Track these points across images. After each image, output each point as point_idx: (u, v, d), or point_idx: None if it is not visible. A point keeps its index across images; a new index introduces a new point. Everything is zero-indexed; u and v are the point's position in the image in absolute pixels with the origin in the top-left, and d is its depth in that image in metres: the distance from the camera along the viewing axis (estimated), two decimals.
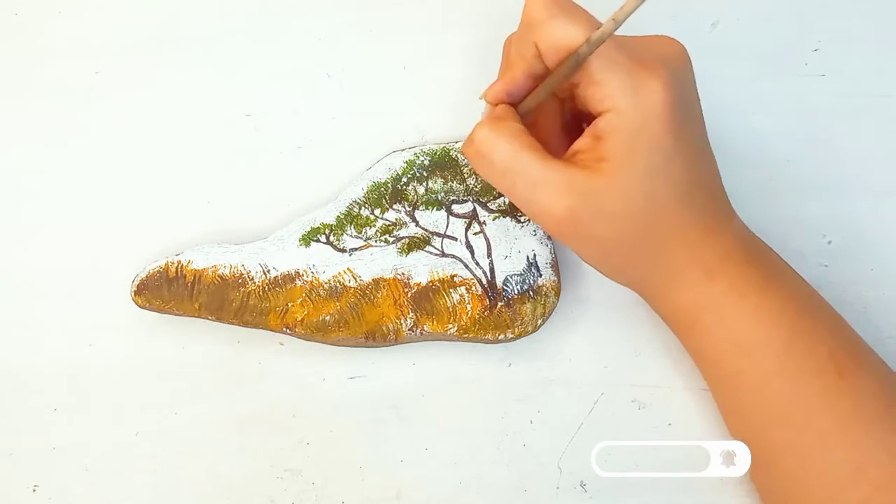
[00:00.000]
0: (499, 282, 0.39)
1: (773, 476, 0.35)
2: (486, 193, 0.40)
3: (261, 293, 0.39)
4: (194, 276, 0.39)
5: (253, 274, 0.39)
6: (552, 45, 0.31)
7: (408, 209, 0.40)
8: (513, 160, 0.32)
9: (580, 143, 0.33)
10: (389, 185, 0.40)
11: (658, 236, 0.33)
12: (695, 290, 0.34)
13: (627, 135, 0.31)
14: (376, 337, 0.39)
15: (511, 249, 0.40)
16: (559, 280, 0.40)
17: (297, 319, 0.39)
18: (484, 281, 0.40)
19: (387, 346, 0.40)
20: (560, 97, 0.35)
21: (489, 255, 0.40)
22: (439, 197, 0.40)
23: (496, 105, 0.34)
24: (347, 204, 0.40)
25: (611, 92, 0.31)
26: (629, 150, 0.31)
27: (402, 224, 0.40)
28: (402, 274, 0.40)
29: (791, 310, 0.34)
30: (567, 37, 0.31)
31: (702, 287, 0.34)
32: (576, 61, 0.31)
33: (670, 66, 0.32)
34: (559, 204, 0.31)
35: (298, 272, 0.39)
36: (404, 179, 0.40)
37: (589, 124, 0.33)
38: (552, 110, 0.36)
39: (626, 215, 0.32)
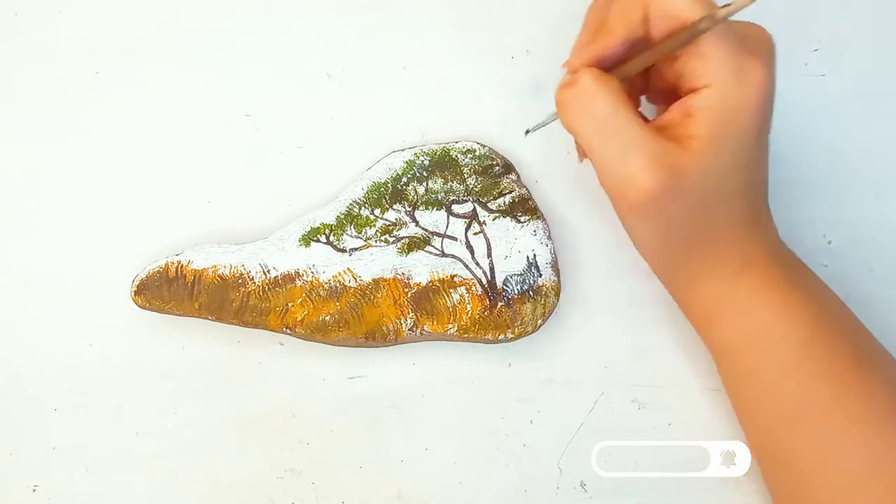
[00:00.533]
0: (499, 282, 0.39)
1: (785, 475, 0.35)
2: (486, 193, 0.40)
3: (261, 293, 0.39)
4: (194, 276, 0.39)
5: (253, 274, 0.39)
6: (666, 14, 0.31)
7: (408, 209, 0.40)
8: (614, 115, 0.31)
9: (668, 117, 0.32)
10: (389, 185, 0.40)
11: (714, 224, 0.33)
12: (727, 283, 0.34)
13: (721, 115, 0.31)
14: (376, 337, 0.39)
15: (511, 249, 0.40)
16: (559, 280, 0.40)
17: (297, 319, 0.39)
18: (484, 281, 0.40)
19: (387, 346, 0.40)
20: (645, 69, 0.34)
21: (489, 255, 0.40)
22: (439, 197, 0.40)
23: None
24: (347, 204, 0.40)
25: (714, 68, 0.31)
26: (719, 131, 0.31)
27: (402, 224, 0.40)
28: (402, 274, 0.40)
29: (812, 312, 0.34)
30: (685, 7, 0.30)
31: (733, 280, 0.34)
32: (691, 34, 0.30)
33: (771, 57, 0.32)
34: (649, 174, 0.31)
35: (298, 272, 0.39)
36: (404, 179, 0.40)
37: (666, 104, 0.33)
38: (634, 81, 0.35)
39: (700, 198, 0.32)
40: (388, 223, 0.40)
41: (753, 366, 0.35)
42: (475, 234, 0.40)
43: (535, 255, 0.40)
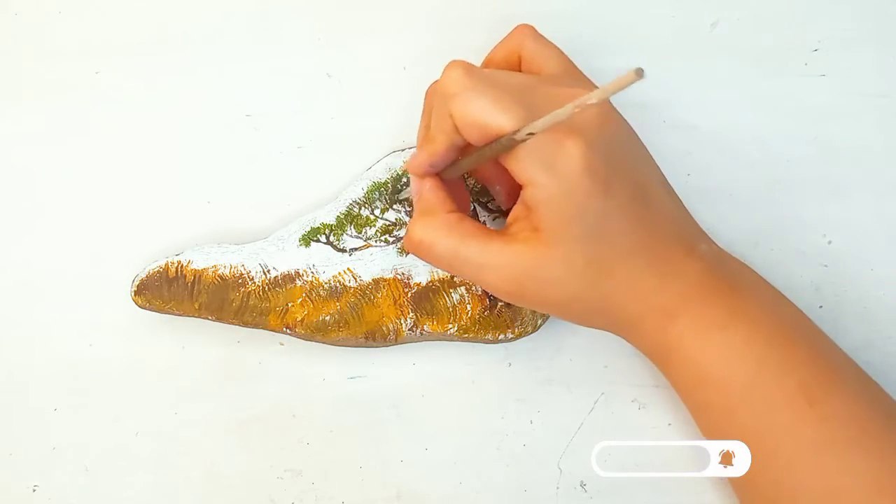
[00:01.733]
0: None
1: (750, 497, 0.35)
2: (485, 193, 0.40)
3: (261, 293, 0.39)
4: (194, 276, 0.39)
5: (253, 274, 0.39)
6: (471, 124, 0.31)
7: (408, 209, 0.40)
8: (454, 253, 0.33)
9: (516, 212, 0.33)
10: (389, 185, 0.40)
11: (609, 292, 0.33)
12: (656, 334, 0.34)
13: (554, 205, 0.31)
14: (376, 337, 0.39)
15: None
16: None
17: (297, 319, 0.39)
18: None
19: (387, 346, 0.40)
20: None
21: None
22: None
23: (421, 176, 0.35)
24: (347, 204, 0.40)
25: (527, 166, 0.31)
26: (559, 218, 0.31)
27: (402, 224, 0.40)
28: (402, 274, 0.40)
29: (759, 342, 0.33)
30: (490, 119, 0.30)
31: (663, 330, 0.34)
32: (506, 146, 0.30)
33: (588, 125, 0.32)
34: (506, 283, 0.32)
35: (298, 272, 0.39)
36: (404, 179, 0.40)
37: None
38: (485, 169, 0.36)
39: (572, 278, 0.32)
40: (388, 223, 0.40)
41: (704, 400, 0.35)
42: None
43: None
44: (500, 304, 0.39)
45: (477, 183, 0.40)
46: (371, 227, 0.40)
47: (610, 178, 0.31)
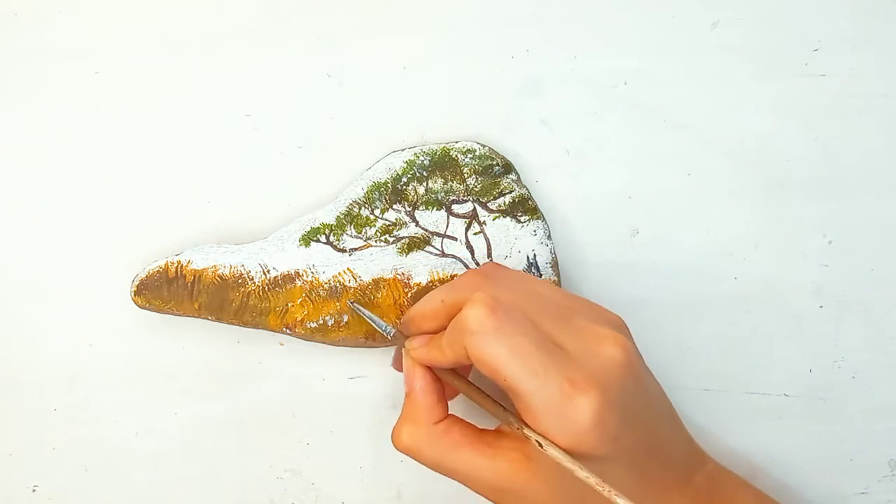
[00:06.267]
0: None
1: None
2: (486, 193, 0.40)
3: (261, 293, 0.39)
4: (194, 276, 0.39)
5: (253, 274, 0.39)
6: (483, 366, 0.31)
7: (408, 209, 0.40)
8: (439, 463, 0.34)
9: (507, 429, 0.33)
10: (389, 185, 0.40)
11: None
12: None
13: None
14: (376, 337, 0.39)
15: (511, 249, 0.40)
16: (559, 280, 0.40)
17: (297, 319, 0.39)
18: None
19: (387, 346, 0.40)
20: None
21: (489, 255, 0.40)
22: (439, 197, 0.40)
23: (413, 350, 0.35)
24: (347, 204, 0.40)
25: (537, 414, 0.30)
26: (555, 462, 0.31)
27: (402, 224, 0.40)
28: (402, 274, 0.40)
29: None
30: (498, 367, 0.30)
31: None
32: (515, 425, 0.31)
33: (609, 375, 0.31)
34: (490, 493, 0.33)
35: (298, 272, 0.39)
36: (404, 179, 0.40)
37: None
38: None
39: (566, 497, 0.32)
40: (388, 223, 0.40)
41: None
42: (475, 234, 0.40)
43: (535, 255, 0.40)
44: None
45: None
46: (371, 227, 0.40)
47: (619, 431, 0.30)
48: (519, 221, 0.40)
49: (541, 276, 0.40)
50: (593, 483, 0.29)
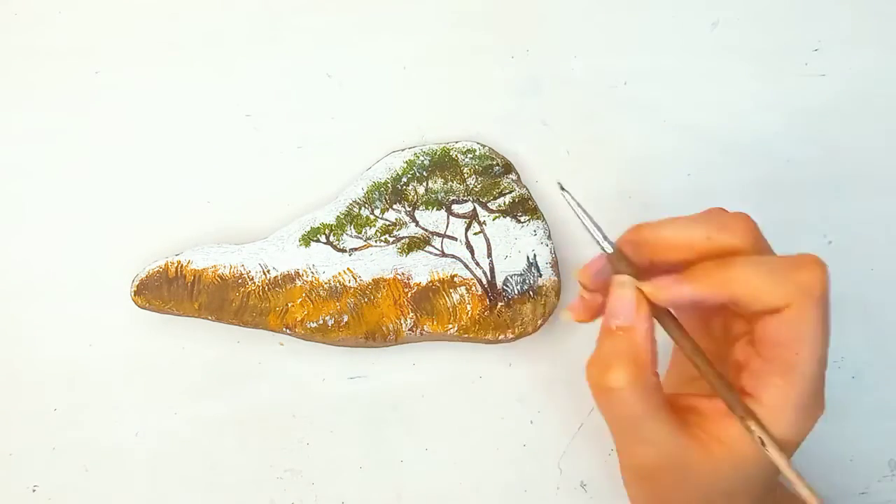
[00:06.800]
0: (499, 282, 0.39)
1: None
2: (486, 193, 0.40)
3: (261, 293, 0.39)
4: (194, 276, 0.39)
5: (253, 274, 0.39)
6: (791, 331, 0.29)
7: (408, 209, 0.40)
8: (633, 418, 0.29)
9: (700, 404, 0.31)
10: (389, 185, 0.40)
11: None
12: None
13: (741, 457, 0.29)
14: (376, 337, 0.39)
15: (511, 249, 0.40)
16: (559, 280, 0.40)
17: (297, 319, 0.39)
18: (484, 281, 0.40)
19: (387, 346, 0.40)
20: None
21: (489, 255, 0.40)
22: (439, 197, 0.40)
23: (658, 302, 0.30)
24: (347, 204, 0.40)
25: (781, 407, 0.29)
26: (737, 463, 0.29)
27: (402, 224, 0.40)
28: (402, 274, 0.40)
29: None
30: (810, 340, 0.29)
31: None
32: (738, 412, 0.29)
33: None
34: (655, 466, 0.30)
35: (298, 272, 0.39)
36: (404, 179, 0.40)
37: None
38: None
39: (703, 495, 0.30)
40: (388, 223, 0.40)
41: None
42: (475, 234, 0.40)
43: (535, 255, 0.40)
44: (499, 304, 0.39)
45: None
46: (371, 227, 0.40)
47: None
48: (519, 221, 0.40)
49: (541, 276, 0.40)
50: (801, 488, 0.27)
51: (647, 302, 0.30)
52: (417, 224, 0.40)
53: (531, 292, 0.39)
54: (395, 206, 0.40)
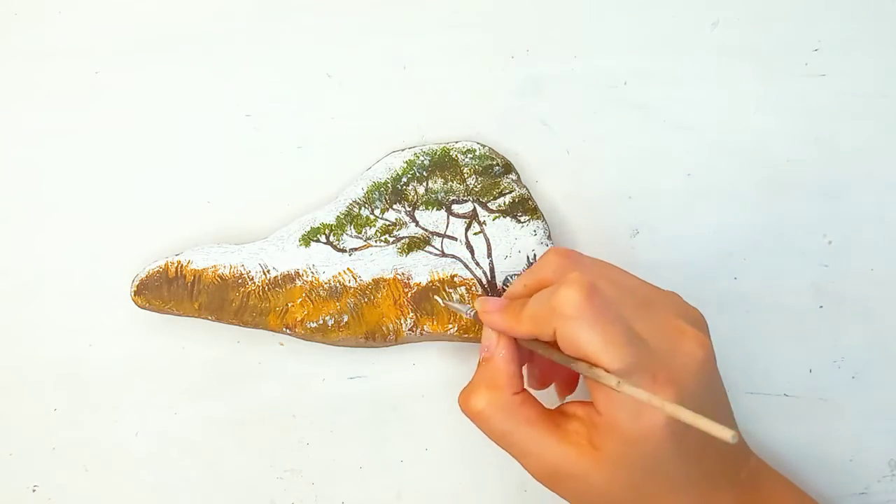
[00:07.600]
0: (499, 282, 0.39)
1: None
2: (486, 193, 0.40)
3: (261, 293, 0.39)
4: (194, 276, 0.39)
5: (253, 274, 0.39)
6: (572, 349, 0.31)
7: (408, 209, 0.40)
8: (506, 434, 0.33)
9: (577, 410, 0.33)
10: (389, 185, 0.40)
11: None
12: None
13: (624, 444, 0.31)
14: (376, 337, 0.39)
15: (511, 249, 0.40)
16: None
17: (297, 319, 0.39)
18: (484, 281, 0.40)
19: (387, 346, 0.40)
20: None
21: (489, 255, 0.40)
22: (439, 197, 0.40)
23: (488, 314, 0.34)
24: (347, 204, 0.40)
25: (613, 407, 0.30)
26: (622, 452, 0.31)
27: (402, 224, 0.40)
28: (402, 274, 0.40)
29: None
30: (588, 352, 0.30)
31: None
32: (593, 375, 0.30)
33: (686, 372, 0.31)
34: (546, 474, 0.33)
35: (298, 272, 0.39)
36: (404, 179, 0.40)
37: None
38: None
39: (612, 493, 0.32)
40: (388, 223, 0.40)
41: None
42: (475, 234, 0.40)
43: (535, 255, 0.40)
44: None
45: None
46: (371, 227, 0.40)
47: (687, 429, 0.30)
48: (519, 221, 0.40)
49: None
50: (702, 424, 0.27)
51: (503, 334, 0.34)
52: (417, 224, 0.40)
53: None
54: (395, 206, 0.40)
